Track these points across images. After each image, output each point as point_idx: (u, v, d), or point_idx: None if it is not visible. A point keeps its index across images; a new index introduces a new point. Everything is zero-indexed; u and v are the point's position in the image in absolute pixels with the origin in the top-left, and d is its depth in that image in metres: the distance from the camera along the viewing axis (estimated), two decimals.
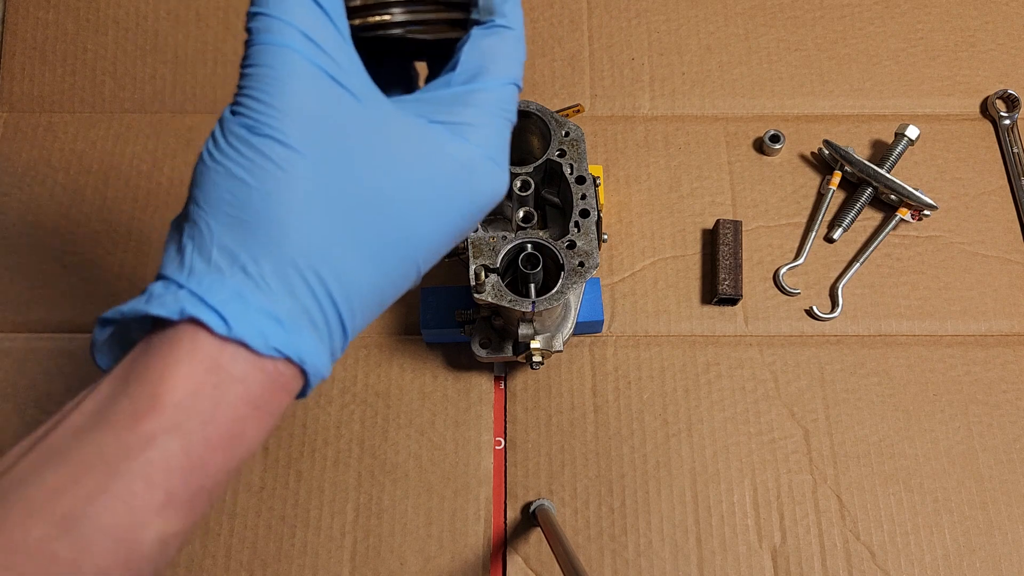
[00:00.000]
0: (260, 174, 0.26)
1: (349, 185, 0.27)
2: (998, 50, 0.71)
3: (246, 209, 0.26)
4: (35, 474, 0.24)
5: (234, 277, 0.25)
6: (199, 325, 0.25)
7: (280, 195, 0.26)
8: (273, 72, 0.26)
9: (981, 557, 0.57)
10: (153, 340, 0.25)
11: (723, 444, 0.59)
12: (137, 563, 0.24)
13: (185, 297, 0.25)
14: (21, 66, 0.71)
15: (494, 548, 0.57)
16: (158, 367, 0.25)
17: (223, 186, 0.26)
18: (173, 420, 0.24)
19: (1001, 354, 0.62)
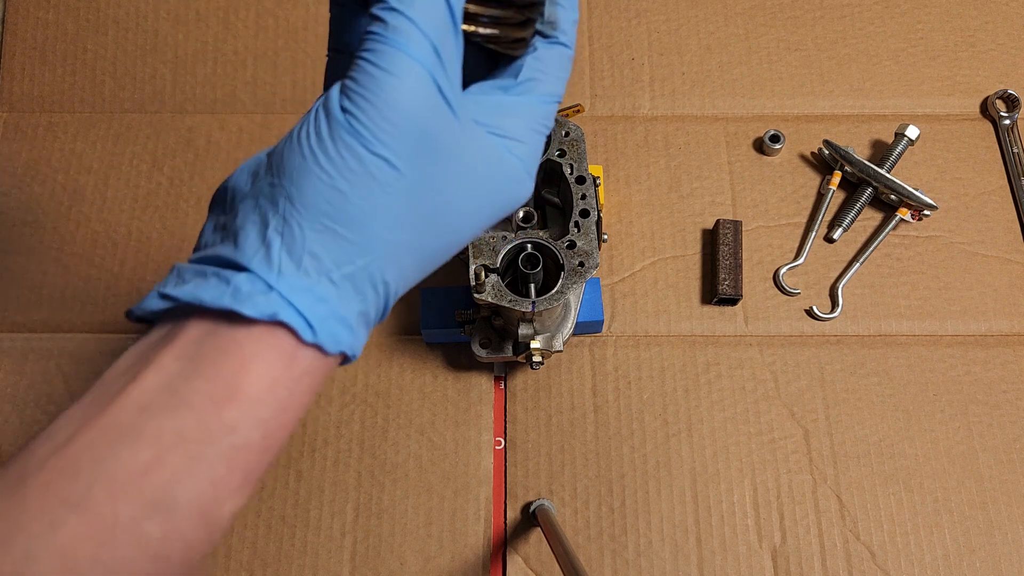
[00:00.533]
0: (363, 191, 0.26)
1: (432, 199, 0.28)
2: (998, 50, 0.71)
3: (341, 221, 0.26)
4: (110, 452, 0.24)
5: (320, 283, 0.26)
6: (282, 327, 0.26)
7: (376, 212, 0.26)
8: (395, 83, 0.26)
9: (981, 557, 0.57)
10: (226, 328, 0.26)
11: (723, 444, 0.59)
12: (216, 535, 0.26)
13: (276, 301, 0.26)
14: (21, 66, 0.71)
15: (494, 548, 0.57)
16: (237, 357, 0.26)
17: (323, 195, 0.26)
18: (254, 410, 0.26)
19: (1001, 354, 0.62)
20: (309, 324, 0.26)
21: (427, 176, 0.27)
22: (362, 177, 0.26)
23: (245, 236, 0.27)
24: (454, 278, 0.64)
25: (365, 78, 0.26)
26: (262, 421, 0.26)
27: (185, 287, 0.26)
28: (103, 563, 0.23)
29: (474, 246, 0.52)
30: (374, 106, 0.26)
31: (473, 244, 0.52)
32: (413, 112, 0.26)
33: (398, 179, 0.26)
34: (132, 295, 0.64)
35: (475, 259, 0.51)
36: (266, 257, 0.26)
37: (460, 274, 0.63)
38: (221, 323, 0.26)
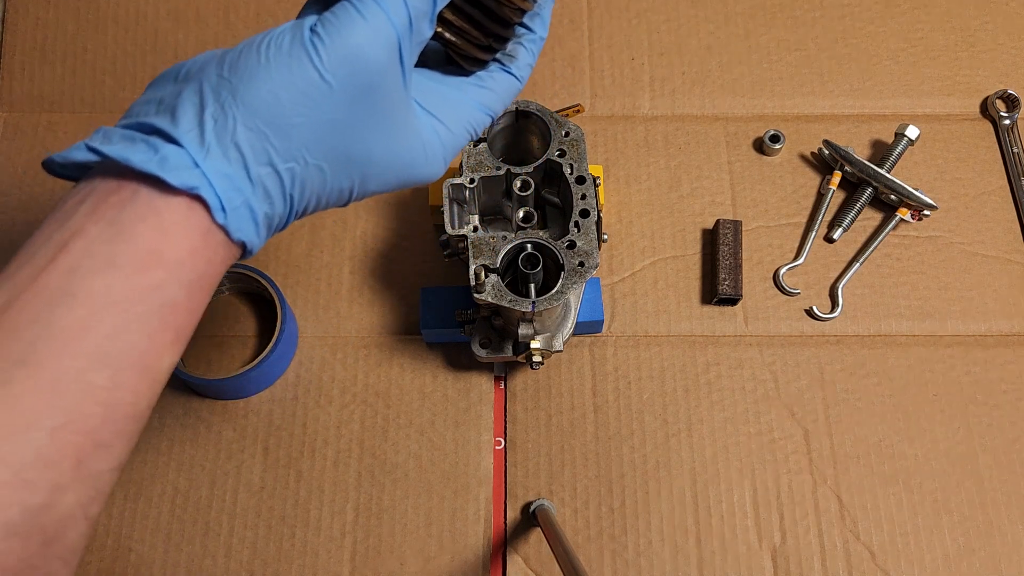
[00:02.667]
0: (300, 106, 0.29)
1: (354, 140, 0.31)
2: (998, 50, 0.71)
3: (271, 126, 0.29)
4: (47, 312, 0.26)
5: (238, 174, 0.29)
6: (199, 202, 0.28)
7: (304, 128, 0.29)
8: (365, 30, 0.28)
9: (981, 558, 0.57)
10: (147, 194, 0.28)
11: (723, 444, 0.59)
12: (157, 387, 0.29)
13: (199, 177, 0.28)
14: (21, 65, 0.71)
15: (494, 548, 0.57)
16: (157, 224, 0.27)
17: (264, 97, 0.28)
18: (176, 272, 0.28)
19: (1001, 354, 0.62)
20: (223, 206, 0.28)
21: (357, 119, 0.30)
22: (303, 94, 0.28)
23: (183, 113, 0.28)
24: (454, 278, 0.64)
25: (343, 13, 0.29)
26: (185, 283, 0.28)
27: (113, 146, 0.28)
28: (57, 409, 0.26)
29: (474, 246, 0.52)
30: (339, 39, 0.28)
31: (473, 244, 0.52)
32: (370, 60, 0.29)
33: (333, 109, 0.29)
34: None
35: (475, 259, 0.51)
36: (199, 137, 0.28)
37: (460, 274, 0.63)
38: (142, 188, 0.28)
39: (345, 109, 0.29)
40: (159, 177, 0.27)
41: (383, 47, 0.29)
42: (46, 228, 0.28)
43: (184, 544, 0.57)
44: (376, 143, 0.31)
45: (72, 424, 0.26)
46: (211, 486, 0.58)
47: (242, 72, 0.28)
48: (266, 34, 0.29)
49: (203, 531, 0.57)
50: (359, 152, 0.31)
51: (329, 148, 0.30)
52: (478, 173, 0.53)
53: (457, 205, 0.54)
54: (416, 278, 0.64)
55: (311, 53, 0.28)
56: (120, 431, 0.27)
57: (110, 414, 0.27)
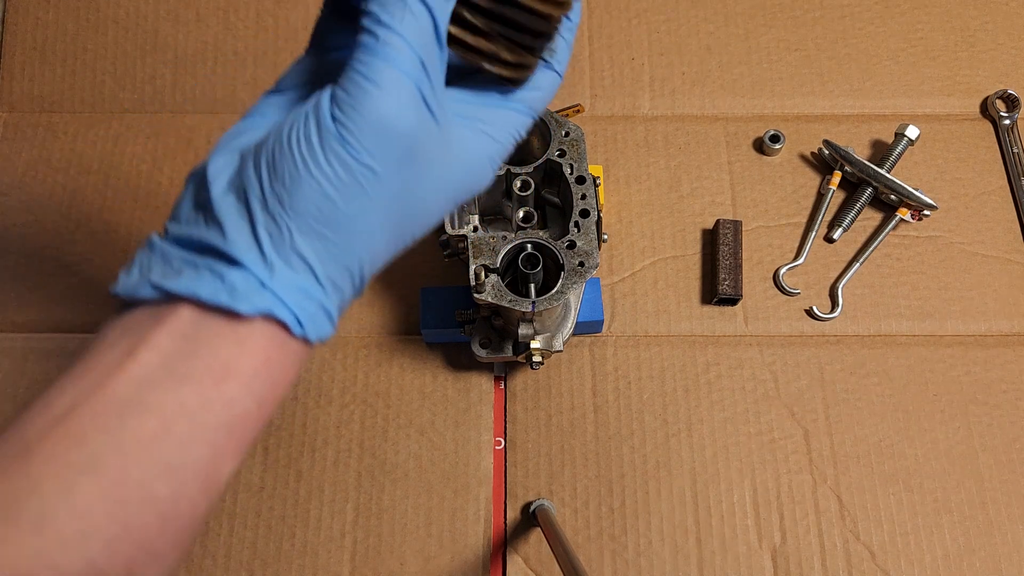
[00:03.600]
0: (350, 198, 0.28)
1: (411, 201, 0.30)
2: (998, 50, 0.71)
3: (328, 225, 0.28)
4: (118, 422, 0.26)
5: (306, 280, 0.28)
6: (272, 321, 0.28)
7: (361, 216, 0.28)
8: (383, 97, 0.27)
9: (981, 557, 0.57)
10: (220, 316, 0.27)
11: (723, 444, 0.59)
12: (216, 494, 0.28)
13: (269, 298, 0.28)
14: (21, 66, 0.71)
15: (494, 548, 0.57)
16: (232, 338, 0.27)
17: (313, 201, 0.27)
18: (249, 384, 0.28)
19: (1001, 354, 0.62)
20: (298, 320, 0.28)
21: (407, 181, 0.29)
22: (350, 186, 0.27)
23: (234, 229, 0.28)
24: (454, 278, 0.64)
25: (355, 89, 0.27)
26: (257, 394, 0.28)
27: (180, 279, 0.27)
28: (117, 520, 0.25)
29: (474, 246, 0.52)
30: (363, 117, 0.27)
31: (473, 244, 0.52)
32: (399, 124, 0.27)
33: (382, 187, 0.28)
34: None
35: (475, 259, 0.51)
36: (259, 254, 0.28)
37: (460, 274, 0.63)
38: (215, 311, 0.27)
39: (393, 178, 0.28)
40: (231, 308, 0.27)
41: (408, 105, 0.28)
42: (110, 335, 0.28)
43: None
44: (430, 190, 0.30)
45: (129, 535, 0.26)
46: None
47: (282, 176, 0.28)
48: (291, 128, 0.28)
49: (203, 532, 0.57)
50: (417, 206, 0.30)
51: (389, 219, 0.29)
52: None
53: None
54: (416, 278, 0.64)
55: (343, 144, 0.27)
56: (175, 542, 0.27)
57: (167, 525, 0.27)
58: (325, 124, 0.27)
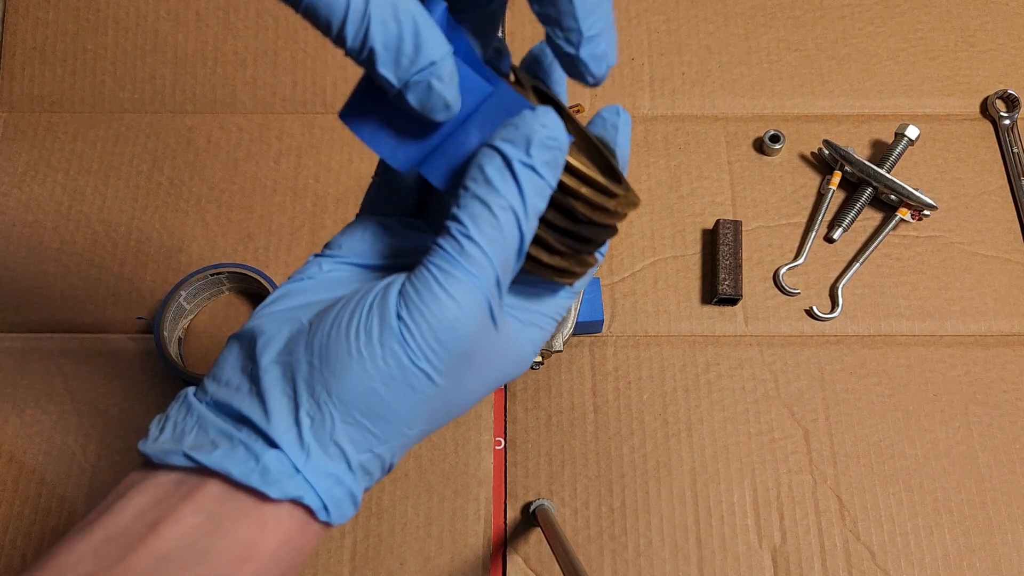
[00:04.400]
0: (399, 396, 0.27)
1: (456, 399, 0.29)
2: (998, 50, 0.71)
3: (371, 418, 0.27)
4: None
5: (340, 468, 0.28)
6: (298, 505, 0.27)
7: (405, 414, 0.28)
8: (454, 310, 0.26)
9: (981, 557, 0.56)
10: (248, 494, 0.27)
11: (723, 444, 0.59)
12: None
13: (301, 484, 0.27)
14: (21, 66, 0.71)
15: (494, 548, 0.57)
16: (256, 518, 0.27)
17: (361, 393, 0.27)
18: (268, 566, 0.27)
19: (1001, 354, 0.62)
20: (325, 507, 0.28)
21: (457, 382, 0.28)
22: (401, 385, 0.27)
23: (277, 408, 0.27)
24: None
25: (428, 294, 0.26)
26: (276, 573, 0.28)
27: (214, 454, 0.27)
28: None
29: None
30: (429, 325, 0.26)
31: None
32: (464, 335, 0.27)
33: (433, 389, 0.27)
34: (131, 295, 0.64)
35: None
36: (297, 438, 0.27)
37: None
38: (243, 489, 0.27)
39: (444, 383, 0.28)
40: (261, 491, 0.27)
41: (475, 316, 0.27)
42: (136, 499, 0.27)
43: None
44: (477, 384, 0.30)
45: None
46: None
47: (334, 364, 0.27)
48: (352, 312, 0.27)
49: None
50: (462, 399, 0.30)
51: (430, 415, 0.29)
52: None
53: None
54: None
55: (404, 346, 0.26)
56: None
57: None
58: (388, 321, 0.26)
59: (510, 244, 0.27)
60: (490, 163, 0.26)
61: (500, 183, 0.26)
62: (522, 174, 0.26)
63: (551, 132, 0.26)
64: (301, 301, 0.30)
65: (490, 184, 0.26)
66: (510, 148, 0.26)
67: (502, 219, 0.26)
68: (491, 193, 0.26)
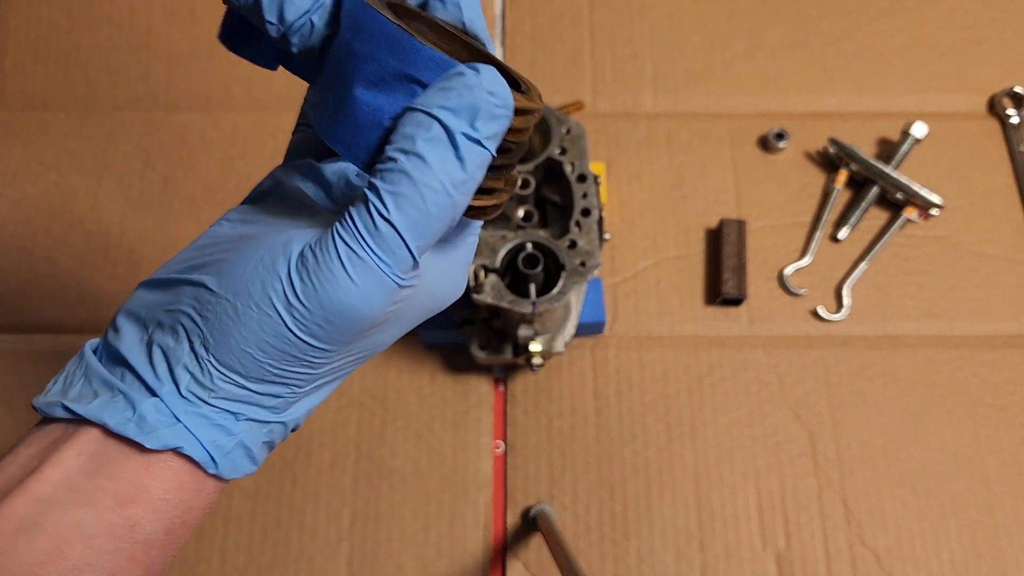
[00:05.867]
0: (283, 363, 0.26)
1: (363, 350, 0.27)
2: (1005, 47, 0.70)
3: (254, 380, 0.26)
4: (9, 543, 0.24)
5: (227, 417, 0.26)
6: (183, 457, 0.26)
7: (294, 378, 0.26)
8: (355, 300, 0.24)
9: (988, 562, 0.56)
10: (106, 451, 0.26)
11: (727, 447, 0.59)
12: None
13: (181, 434, 0.26)
14: (13, 63, 0.70)
15: (494, 553, 0.56)
16: (140, 461, 0.26)
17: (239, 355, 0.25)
18: (158, 508, 0.26)
19: (1008, 356, 0.61)
20: (212, 458, 0.26)
21: (356, 347, 0.26)
22: (283, 352, 0.25)
23: (158, 356, 0.26)
24: None
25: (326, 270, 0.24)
26: (167, 519, 0.26)
27: (91, 404, 0.26)
28: None
29: None
30: (321, 305, 0.24)
31: None
32: (360, 321, 0.25)
33: (318, 358, 0.26)
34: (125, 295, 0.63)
35: (474, 259, 0.51)
36: (176, 387, 0.26)
37: None
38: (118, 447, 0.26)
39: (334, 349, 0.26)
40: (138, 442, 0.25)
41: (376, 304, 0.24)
42: (22, 447, 0.26)
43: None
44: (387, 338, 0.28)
45: None
46: None
47: (214, 324, 0.25)
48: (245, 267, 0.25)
49: (197, 536, 0.56)
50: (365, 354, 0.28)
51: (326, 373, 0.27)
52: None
53: None
54: None
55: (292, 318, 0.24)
56: None
57: None
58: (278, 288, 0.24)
59: (436, 229, 0.24)
60: (425, 134, 0.23)
61: (435, 159, 0.23)
62: (467, 149, 0.23)
63: (500, 100, 0.23)
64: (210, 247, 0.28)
65: (423, 160, 0.23)
66: (452, 119, 0.23)
67: (431, 201, 0.23)
68: (423, 171, 0.23)
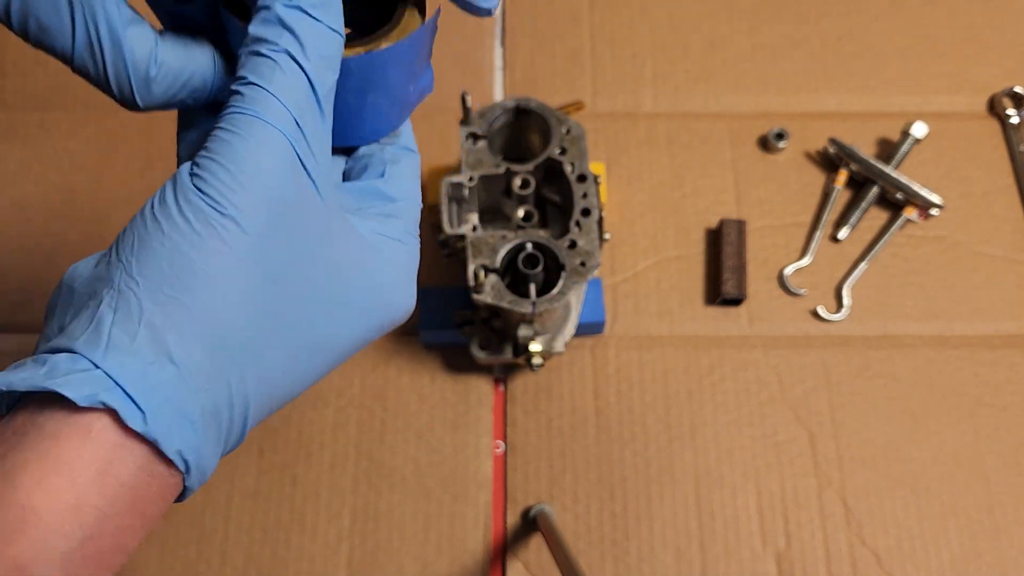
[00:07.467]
0: (209, 254, 0.23)
1: (291, 280, 0.25)
2: (1005, 47, 0.70)
3: (185, 289, 0.23)
4: None
5: (158, 364, 0.23)
6: (107, 413, 0.22)
7: (224, 279, 0.24)
8: (250, 146, 0.24)
9: (988, 562, 0.56)
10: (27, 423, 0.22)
11: (727, 448, 0.58)
12: None
13: (100, 379, 0.22)
14: (14, 63, 0.70)
15: (494, 554, 0.56)
16: (34, 469, 0.21)
17: (165, 259, 0.23)
18: (50, 542, 0.21)
19: (1009, 356, 0.61)
20: (139, 409, 0.22)
21: (283, 251, 0.25)
22: (208, 240, 0.23)
23: (77, 321, 0.24)
24: (453, 278, 0.63)
25: (218, 144, 0.25)
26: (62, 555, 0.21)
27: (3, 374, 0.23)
28: None
29: (473, 246, 0.51)
30: (224, 168, 0.24)
31: (472, 243, 0.51)
32: (267, 174, 0.24)
33: (249, 247, 0.24)
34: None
35: (474, 259, 0.51)
36: (94, 333, 0.23)
37: (459, 274, 0.62)
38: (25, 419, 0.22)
39: (261, 241, 0.24)
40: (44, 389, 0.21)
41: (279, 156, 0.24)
42: None
43: (179, 549, 0.56)
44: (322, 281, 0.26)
45: None
46: (205, 490, 0.57)
47: (130, 243, 0.24)
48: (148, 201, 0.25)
49: (197, 536, 0.56)
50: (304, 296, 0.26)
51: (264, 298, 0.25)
52: (477, 171, 0.52)
53: (455, 203, 0.53)
54: None
55: (199, 194, 0.24)
56: None
57: None
58: (182, 180, 0.24)
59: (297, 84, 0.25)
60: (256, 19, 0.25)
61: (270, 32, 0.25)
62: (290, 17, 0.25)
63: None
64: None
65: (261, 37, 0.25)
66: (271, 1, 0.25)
67: (280, 61, 0.25)
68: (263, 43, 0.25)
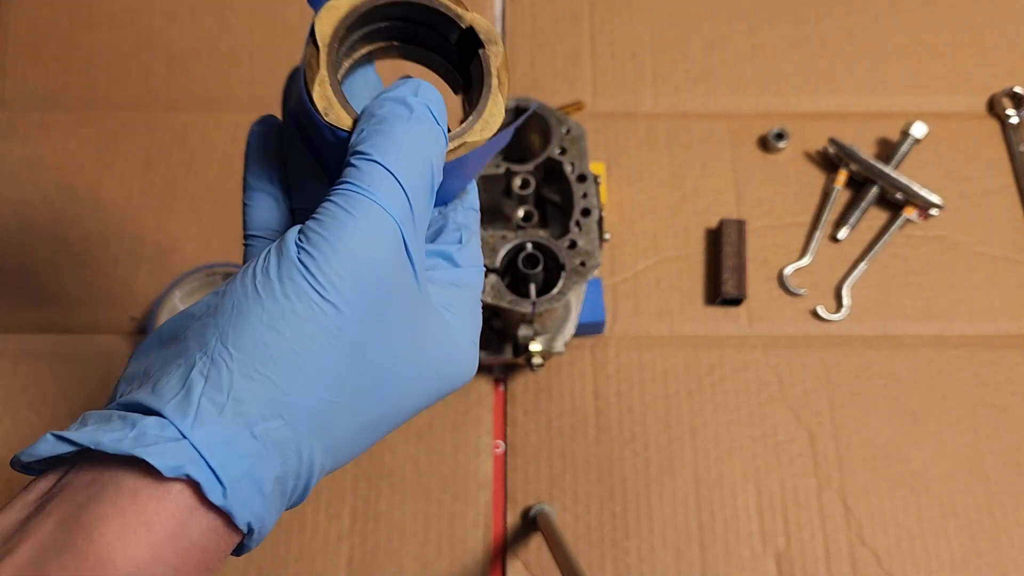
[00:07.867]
0: (305, 337, 0.23)
1: (376, 360, 0.25)
2: (1005, 47, 0.70)
3: (276, 367, 0.23)
4: None
5: (240, 437, 0.23)
6: (187, 484, 0.22)
7: (315, 362, 0.24)
8: (361, 228, 0.24)
9: (988, 561, 0.56)
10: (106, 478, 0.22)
11: (727, 447, 0.58)
12: None
13: (186, 451, 0.22)
14: (14, 63, 0.70)
15: (494, 553, 0.56)
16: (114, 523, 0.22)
17: (261, 335, 0.23)
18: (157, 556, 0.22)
19: (1008, 356, 0.61)
20: (220, 483, 0.22)
21: (375, 334, 0.25)
22: (306, 322, 0.23)
23: (167, 380, 0.23)
24: None
25: (328, 219, 0.24)
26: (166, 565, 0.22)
27: (84, 430, 0.23)
28: None
29: None
30: (333, 248, 0.24)
31: None
32: (375, 262, 0.24)
33: (344, 331, 0.24)
34: (125, 296, 0.63)
35: None
36: (184, 400, 0.23)
37: None
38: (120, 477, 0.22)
39: (357, 325, 0.24)
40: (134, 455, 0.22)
41: (387, 243, 0.24)
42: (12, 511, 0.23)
43: None
44: (400, 356, 0.26)
45: None
46: None
47: (229, 310, 0.24)
48: (250, 264, 0.24)
49: None
50: (383, 373, 0.25)
51: (347, 378, 0.24)
52: None
53: None
54: None
55: (304, 272, 0.23)
56: None
57: None
58: (288, 254, 0.24)
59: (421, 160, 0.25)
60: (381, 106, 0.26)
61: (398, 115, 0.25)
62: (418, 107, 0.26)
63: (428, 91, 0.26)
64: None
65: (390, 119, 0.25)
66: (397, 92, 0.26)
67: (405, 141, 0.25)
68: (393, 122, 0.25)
